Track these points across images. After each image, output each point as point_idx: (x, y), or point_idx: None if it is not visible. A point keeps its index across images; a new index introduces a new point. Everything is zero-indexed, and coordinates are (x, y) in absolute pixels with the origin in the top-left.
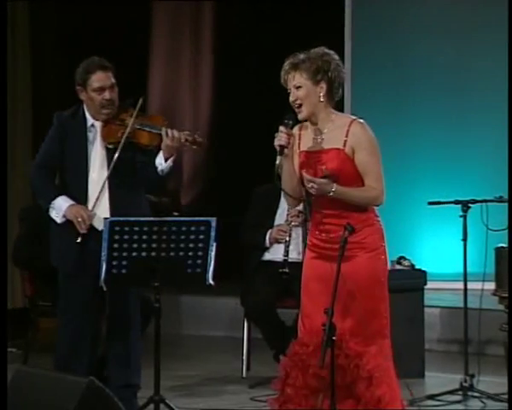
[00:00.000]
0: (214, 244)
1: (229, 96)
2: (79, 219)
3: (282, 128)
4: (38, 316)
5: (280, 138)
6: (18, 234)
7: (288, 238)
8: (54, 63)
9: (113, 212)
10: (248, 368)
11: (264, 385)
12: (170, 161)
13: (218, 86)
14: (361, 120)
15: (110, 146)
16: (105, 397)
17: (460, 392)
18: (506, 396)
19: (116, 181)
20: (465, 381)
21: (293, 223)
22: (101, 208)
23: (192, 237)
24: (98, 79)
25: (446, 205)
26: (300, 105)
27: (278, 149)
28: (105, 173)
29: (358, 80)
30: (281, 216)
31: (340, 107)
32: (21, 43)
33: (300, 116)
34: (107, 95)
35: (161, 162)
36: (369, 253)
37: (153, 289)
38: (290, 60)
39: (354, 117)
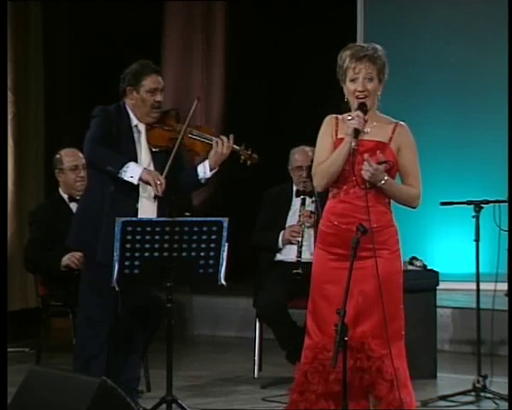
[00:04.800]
0: (226, 244)
1: (242, 95)
2: (158, 182)
3: (360, 113)
4: (51, 316)
5: (359, 122)
6: (29, 238)
7: (300, 239)
8: (67, 63)
9: (159, 214)
10: (260, 369)
11: (275, 386)
12: (213, 171)
13: (230, 86)
14: (404, 123)
15: (156, 149)
16: (117, 397)
17: (473, 393)
18: None
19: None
20: (478, 382)
21: (305, 224)
22: (148, 211)
23: (204, 237)
24: (153, 81)
25: (459, 205)
26: (365, 97)
27: (353, 132)
28: None
29: None
30: (292, 217)
31: None
32: (34, 43)
33: None
34: (158, 97)
35: (205, 171)
36: (391, 254)
37: (165, 289)
38: (361, 50)
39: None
